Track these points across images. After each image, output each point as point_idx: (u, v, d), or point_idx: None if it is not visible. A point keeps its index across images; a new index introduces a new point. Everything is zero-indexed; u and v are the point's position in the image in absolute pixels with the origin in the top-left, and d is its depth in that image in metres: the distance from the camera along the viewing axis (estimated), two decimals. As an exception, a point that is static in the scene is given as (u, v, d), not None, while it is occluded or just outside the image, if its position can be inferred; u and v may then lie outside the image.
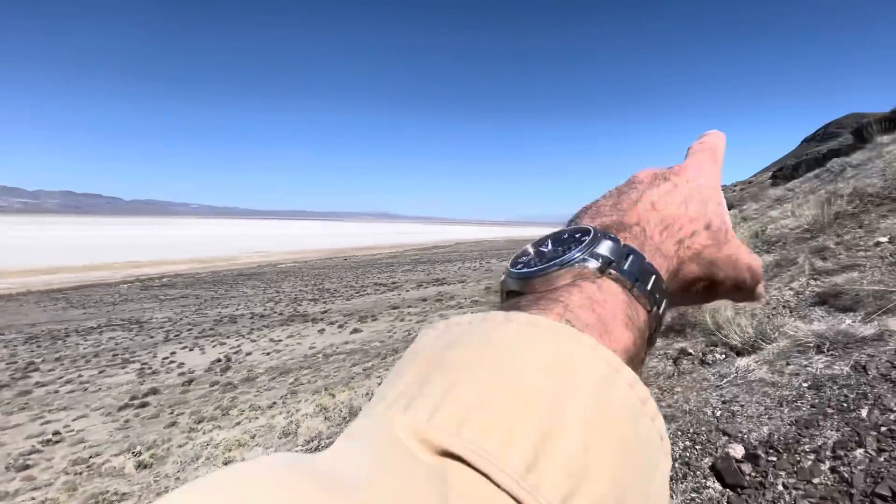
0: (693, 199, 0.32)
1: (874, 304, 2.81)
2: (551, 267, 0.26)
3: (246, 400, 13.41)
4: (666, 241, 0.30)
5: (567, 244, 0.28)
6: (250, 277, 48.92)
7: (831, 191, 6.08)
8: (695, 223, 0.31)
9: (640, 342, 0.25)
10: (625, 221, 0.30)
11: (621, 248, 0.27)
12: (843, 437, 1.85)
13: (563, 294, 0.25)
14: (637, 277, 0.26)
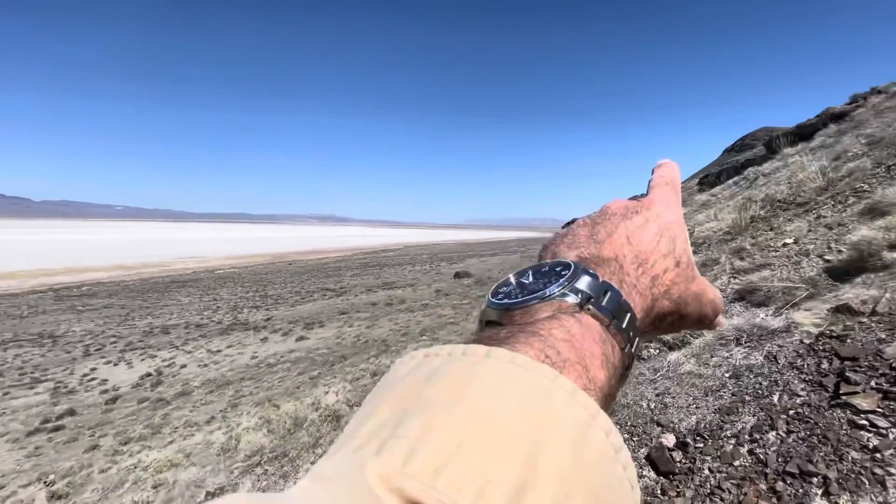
0: (664, 235, 0.33)
1: (783, 299, 3.12)
2: (533, 299, 0.27)
3: (180, 416, 12.47)
4: (641, 278, 0.31)
5: (548, 277, 0.29)
6: (185, 285, 45.72)
7: (747, 197, 6.71)
8: (666, 260, 0.33)
9: (613, 381, 0.26)
10: (602, 255, 0.31)
11: (600, 284, 0.28)
12: (758, 422, 2.02)
13: (543, 327, 0.25)
14: (614, 314, 0.27)
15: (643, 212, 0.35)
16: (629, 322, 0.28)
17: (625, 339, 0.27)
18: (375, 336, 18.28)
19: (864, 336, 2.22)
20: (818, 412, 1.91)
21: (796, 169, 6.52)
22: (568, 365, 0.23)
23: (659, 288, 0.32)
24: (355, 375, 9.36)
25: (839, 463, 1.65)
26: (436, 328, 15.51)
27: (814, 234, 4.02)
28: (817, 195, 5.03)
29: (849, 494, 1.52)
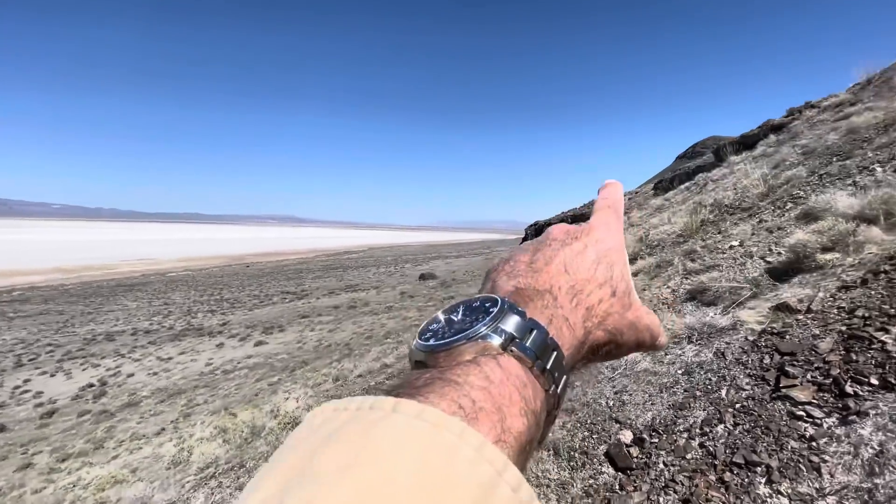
0: (602, 262, 0.34)
1: (730, 299, 3.30)
2: (456, 341, 0.27)
3: (126, 429, 11.71)
4: (575, 310, 0.31)
5: (476, 314, 0.29)
6: (132, 288, 43.10)
7: (698, 201, 7.07)
8: (603, 289, 0.33)
9: (534, 427, 0.25)
10: (537, 286, 0.32)
11: (525, 323, 0.28)
12: (708, 416, 2.12)
13: (461, 373, 0.25)
14: (538, 355, 0.27)
15: (583, 237, 0.35)
16: (554, 361, 0.28)
17: (548, 380, 0.27)
18: (338, 340, 17.92)
19: (801, 332, 2.38)
20: (761, 405, 2.03)
21: (741, 176, 6.95)
22: (482, 414, 0.23)
23: (593, 319, 0.32)
24: (317, 381, 9.11)
25: (780, 452, 1.75)
26: (400, 330, 15.39)
27: (757, 237, 4.28)
28: (759, 200, 5.38)
29: (789, 482, 1.62)
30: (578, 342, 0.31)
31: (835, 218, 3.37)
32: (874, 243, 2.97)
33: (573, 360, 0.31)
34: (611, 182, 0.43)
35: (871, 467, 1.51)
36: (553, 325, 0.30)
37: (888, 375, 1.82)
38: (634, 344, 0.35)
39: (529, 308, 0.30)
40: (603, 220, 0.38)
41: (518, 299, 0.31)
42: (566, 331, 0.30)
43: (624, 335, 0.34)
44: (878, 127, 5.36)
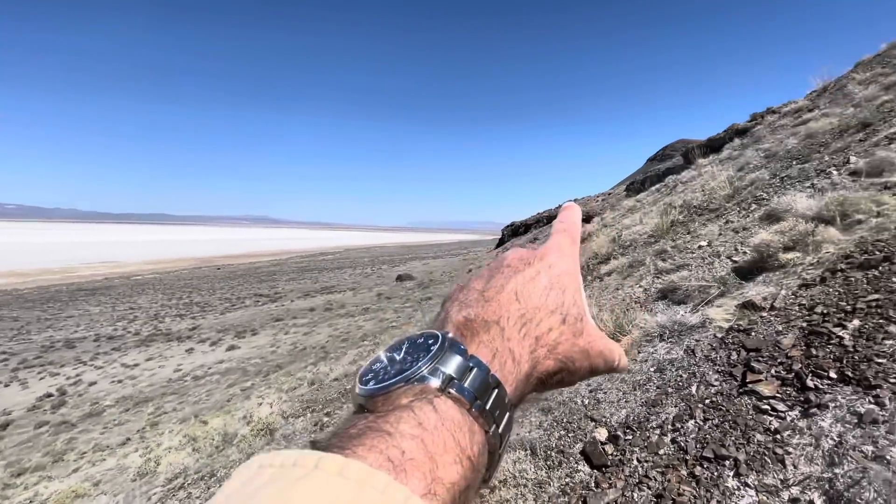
0: (554, 288, 0.34)
1: (699, 297, 3.40)
2: (394, 384, 0.27)
3: (88, 440, 11.21)
4: (522, 341, 0.31)
5: (418, 352, 0.29)
6: (94, 292, 41.27)
7: (668, 203, 7.29)
8: (553, 317, 0.33)
9: (470, 473, 0.25)
10: (486, 317, 0.31)
11: (466, 361, 0.28)
12: (679, 412, 2.18)
13: (394, 420, 0.25)
14: (477, 395, 0.27)
15: (535, 263, 0.35)
16: (495, 400, 0.28)
17: (488, 420, 0.27)
18: (313, 343, 17.62)
19: (766, 329, 2.48)
20: (729, 400, 2.10)
21: (708, 178, 7.19)
22: (412, 466, 0.22)
23: (542, 349, 0.32)
24: (292, 385, 8.93)
25: (747, 445, 1.81)
26: (377, 332, 15.25)
27: (724, 237, 4.44)
28: (726, 202, 5.58)
29: (755, 474, 1.68)
30: (524, 375, 0.31)
31: (795, 219, 3.53)
32: (831, 243, 3.12)
33: (519, 395, 0.31)
34: (568, 205, 0.44)
35: (832, 458, 1.58)
36: (497, 359, 0.30)
37: (845, 369, 1.91)
38: (588, 370, 0.35)
39: (474, 342, 0.30)
40: (557, 244, 0.38)
41: (465, 332, 0.31)
42: (510, 365, 0.30)
43: (575, 362, 0.34)
44: (833, 132, 5.65)
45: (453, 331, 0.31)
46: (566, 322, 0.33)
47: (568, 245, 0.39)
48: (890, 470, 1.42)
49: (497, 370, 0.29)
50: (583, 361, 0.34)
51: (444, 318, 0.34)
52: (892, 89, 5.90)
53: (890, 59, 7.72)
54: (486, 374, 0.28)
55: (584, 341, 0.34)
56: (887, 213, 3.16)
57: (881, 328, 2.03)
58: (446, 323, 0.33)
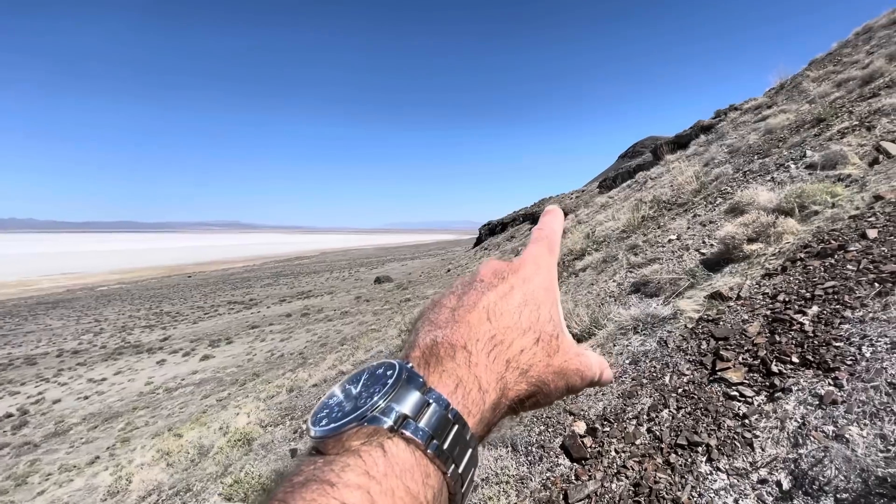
0: (528, 305, 0.33)
1: (670, 289, 3.50)
2: (344, 426, 0.25)
3: (54, 460, 10.70)
4: (492, 366, 0.30)
5: (374, 385, 0.27)
6: (56, 305, 39.39)
7: (639, 198, 7.48)
8: (525, 337, 0.31)
9: None
10: (453, 340, 0.30)
11: (423, 397, 0.27)
12: (654, 402, 2.23)
13: (340, 468, 0.23)
14: (433, 434, 0.26)
15: (510, 277, 0.34)
16: (454, 438, 0.26)
17: (446, 461, 0.26)
18: (291, 349, 17.29)
19: (733, 318, 2.57)
20: (700, 388, 2.17)
21: (676, 174, 7.42)
22: None
23: (512, 373, 0.31)
24: (270, 393, 8.74)
25: (718, 431, 1.88)
26: (357, 336, 15.08)
27: (692, 231, 4.59)
28: (693, 196, 5.77)
29: (726, 458, 1.74)
30: (491, 404, 0.29)
31: (757, 211, 3.67)
32: (791, 233, 3.26)
33: (486, 426, 0.30)
34: (550, 209, 0.42)
35: (796, 439, 1.65)
36: (460, 389, 0.28)
37: (807, 354, 2.00)
38: (564, 390, 0.34)
39: (437, 371, 0.29)
40: (533, 255, 0.37)
41: (430, 359, 0.29)
42: (475, 394, 0.29)
43: (549, 384, 0.32)
44: (790, 127, 5.91)
45: (417, 356, 0.30)
46: (540, 341, 0.32)
47: (545, 256, 0.37)
48: (849, 448, 1.49)
49: (459, 402, 0.28)
50: (558, 382, 0.33)
51: (413, 339, 0.32)
52: (844, 86, 6.23)
53: (840, 57, 8.14)
54: (446, 409, 0.27)
55: (559, 360, 0.33)
56: (841, 203, 3.32)
57: (838, 313, 2.14)
58: (413, 346, 0.31)
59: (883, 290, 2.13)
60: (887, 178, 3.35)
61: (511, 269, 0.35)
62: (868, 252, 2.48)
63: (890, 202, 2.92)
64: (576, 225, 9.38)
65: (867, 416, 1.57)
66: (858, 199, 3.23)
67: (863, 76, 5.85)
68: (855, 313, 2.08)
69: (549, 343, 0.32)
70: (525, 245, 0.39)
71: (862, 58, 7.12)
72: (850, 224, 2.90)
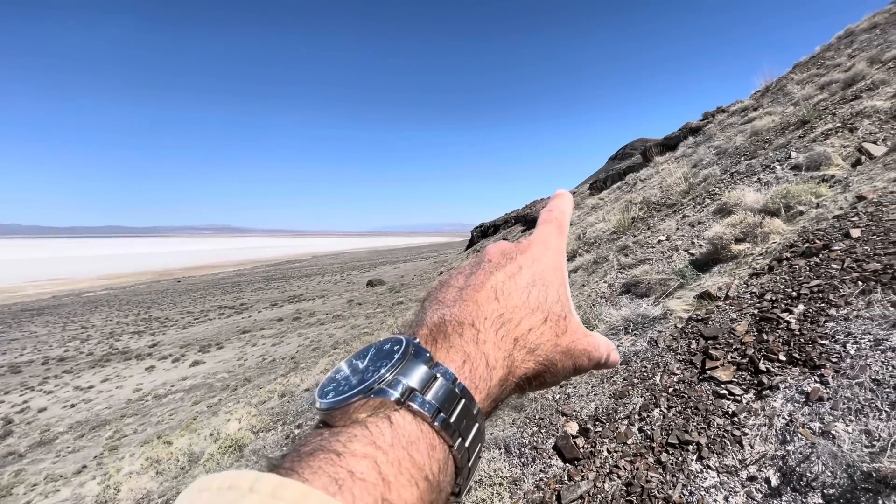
0: (536, 285, 0.33)
1: (660, 290, 3.54)
2: (351, 398, 0.25)
3: (40, 470, 10.49)
4: (500, 343, 0.30)
5: (381, 360, 0.27)
6: (41, 312, 38.70)
7: (629, 200, 7.54)
8: (534, 316, 0.31)
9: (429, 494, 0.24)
10: (461, 318, 0.30)
11: (430, 371, 0.27)
12: (645, 402, 2.25)
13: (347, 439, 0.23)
14: (440, 407, 0.25)
15: (518, 258, 0.34)
16: (461, 412, 0.26)
17: (452, 434, 0.26)
18: (283, 353, 17.15)
19: (721, 317, 2.60)
20: (690, 387, 2.19)
21: (665, 175, 7.50)
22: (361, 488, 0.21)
23: (520, 351, 0.31)
24: (261, 398, 8.65)
25: (708, 429, 1.90)
26: (349, 340, 15.00)
27: (681, 232, 4.64)
28: (682, 198, 5.84)
29: (716, 456, 1.76)
30: (498, 380, 0.29)
31: (745, 212, 3.73)
32: (777, 233, 3.31)
33: (492, 401, 0.30)
34: (560, 193, 0.42)
35: (784, 436, 1.68)
36: (467, 365, 0.28)
37: (793, 351, 2.03)
38: (571, 370, 0.33)
39: (444, 347, 0.29)
40: (543, 235, 0.37)
41: (437, 335, 0.29)
42: (483, 370, 0.28)
43: (557, 364, 0.32)
44: (776, 129, 6.02)
45: (425, 334, 0.30)
46: (548, 321, 0.32)
47: (554, 236, 0.37)
48: (835, 444, 1.52)
49: (466, 377, 0.28)
50: (565, 361, 0.33)
51: (420, 318, 0.32)
52: (827, 88, 6.35)
53: (824, 60, 8.30)
54: (453, 383, 0.27)
55: (566, 340, 0.33)
56: (825, 204, 3.39)
57: (823, 311, 2.18)
58: (421, 324, 0.31)
59: (866, 289, 2.17)
60: (869, 178, 3.42)
61: (519, 250, 0.35)
62: (852, 251, 2.52)
63: (872, 202, 2.98)
64: (567, 226, 9.42)
65: (852, 413, 1.60)
66: (842, 200, 3.29)
67: (845, 79, 5.98)
68: (839, 311, 2.11)
69: (558, 323, 0.32)
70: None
71: (844, 61, 7.27)
72: (834, 224, 2.95)
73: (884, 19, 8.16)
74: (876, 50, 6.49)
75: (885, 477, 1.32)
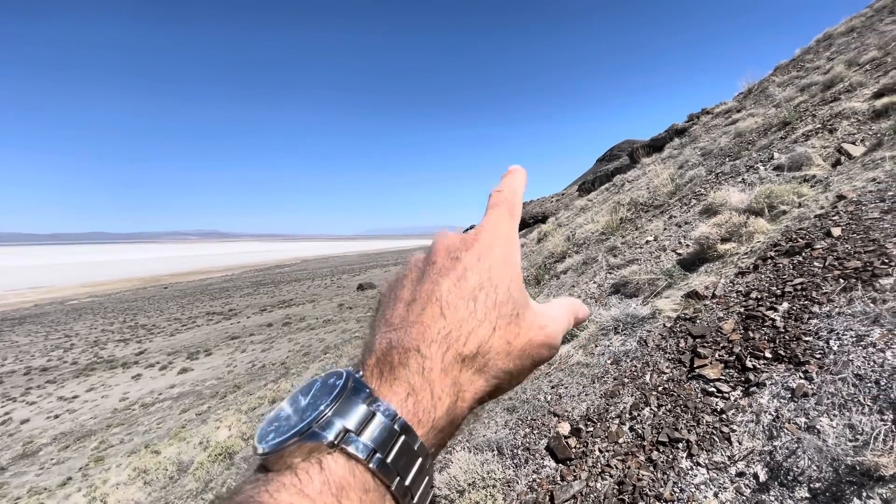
0: (483, 287, 0.30)
1: (648, 289, 3.58)
2: (286, 442, 0.24)
3: (23, 483, 10.24)
4: (447, 367, 0.28)
5: (322, 396, 0.27)
6: (23, 321, 37.81)
7: (617, 201, 7.62)
8: (482, 327, 0.29)
9: None
10: (407, 344, 0.28)
11: (368, 409, 0.26)
12: (636, 401, 2.28)
13: (273, 490, 0.23)
14: (377, 448, 0.25)
15: (464, 257, 0.32)
16: (400, 449, 0.25)
17: (389, 475, 0.25)
18: (273, 359, 16.97)
19: (709, 316, 2.64)
20: (679, 385, 2.22)
21: (652, 176, 7.60)
22: None
23: (468, 371, 0.29)
24: (251, 405, 8.55)
25: (697, 427, 1.92)
26: (340, 344, 14.90)
27: (668, 232, 4.70)
28: (669, 198, 5.92)
29: (706, 453, 1.78)
30: (446, 410, 0.28)
31: (730, 212, 3.79)
32: (761, 233, 3.38)
33: (440, 432, 0.28)
34: (513, 168, 0.39)
35: (771, 431, 1.71)
36: (411, 398, 0.27)
37: (778, 348, 2.07)
38: (530, 367, 0.32)
39: (388, 380, 0.28)
40: (491, 223, 0.34)
41: (383, 365, 0.28)
42: (427, 403, 0.27)
43: (512, 371, 0.31)
44: (759, 130, 6.14)
45: (372, 364, 0.29)
46: (497, 329, 0.30)
47: (504, 221, 0.35)
48: (820, 438, 1.55)
49: (410, 411, 0.26)
50: (523, 363, 0.31)
51: (370, 343, 0.31)
52: (807, 90, 6.50)
53: (804, 62, 8.50)
54: (392, 419, 0.26)
55: (521, 341, 0.31)
56: (807, 203, 3.46)
57: (806, 309, 2.22)
58: (370, 351, 0.30)
59: (847, 286, 2.22)
60: (849, 178, 3.50)
61: (465, 246, 0.32)
62: (833, 249, 2.58)
63: (852, 201, 3.05)
64: (556, 228, 9.50)
65: (836, 408, 1.64)
66: (823, 199, 3.37)
67: (824, 81, 6.12)
68: (822, 308, 2.16)
69: (509, 327, 0.30)
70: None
71: (823, 63, 7.45)
72: (816, 223, 3.02)
73: (860, 23, 8.39)
74: (853, 53, 6.67)
75: (868, 469, 1.35)
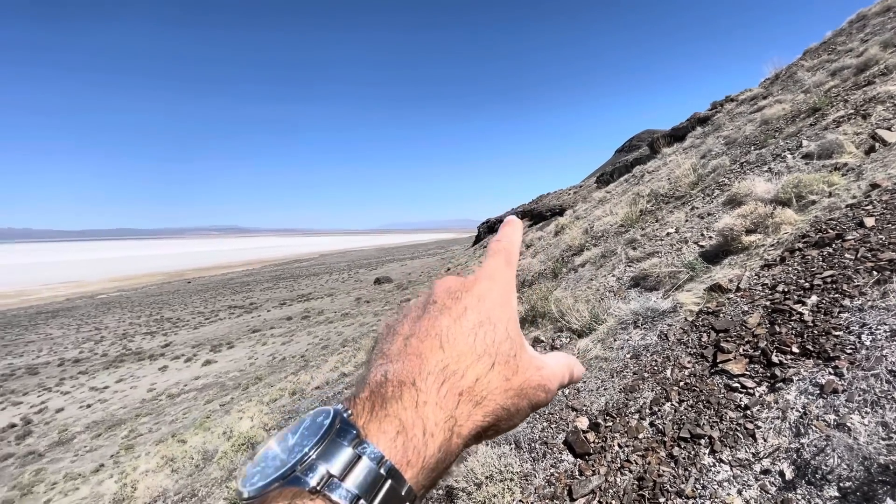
0: (483, 325, 0.31)
1: (669, 283, 3.50)
2: (270, 486, 0.24)
3: (59, 469, 10.71)
4: (443, 401, 0.28)
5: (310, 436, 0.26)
6: (56, 315, 39.39)
7: (636, 192, 7.47)
8: (481, 362, 0.30)
9: None
10: (402, 377, 0.28)
11: (354, 452, 0.25)
12: (656, 396, 2.24)
13: None
14: (361, 494, 0.24)
15: (464, 297, 0.33)
16: (386, 495, 0.25)
17: None
18: (293, 352, 17.30)
19: (732, 310, 2.57)
20: (702, 380, 2.17)
21: (673, 167, 7.41)
22: None
23: (466, 406, 0.29)
24: (273, 396, 8.74)
25: (720, 423, 1.88)
26: (358, 337, 15.09)
27: (690, 224, 4.59)
28: (690, 189, 5.77)
29: (729, 450, 1.74)
30: (438, 447, 0.28)
31: (755, 202, 3.67)
32: (789, 224, 3.26)
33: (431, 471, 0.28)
34: (509, 220, 0.41)
35: (798, 428, 1.66)
36: (401, 437, 0.27)
37: (806, 343, 2.01)
38: (528, 409, 0.32)
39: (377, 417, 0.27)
40: (490, 269, 0.36)
41: (375, 400, 0.28)
42: (418, 441, 0.27)
43: (510, 409, 0.31)
44: (786, 117, 5.91)
45: (364, 398, 0.28)
46: (496, 365, 0.31)
47: (502, 269, 0.36)
48: (851, 436, 1.50)
49: (399, 450, 0.26)
50: (520, 402, 0.31)
51: (364, 375, 0.31)
52: (838, 75, 6.22)
53: (835, 46, 8.14)
54: (378, 463, 0.25)
55: (518, 381, 0.31)
56: (838, 192, 3.33)
57: (837, 302, 2.14)
58: (363, 384, 0.30)
59: (881, 279, 2.13)
60: (883, 166, 3.35)
61: (465, 288, 0.34)
62: (866, 240, 2.48)
63: (887, 190, 2.92)
64: (574, 220, 9.38)
65: (868, 405, 1.58)
66: (855, 188, 3.23)
67: (857, 64, 5.85)
68: (854, 302, 2.08)
69: (507, 364, 0.31)
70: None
71: (856, 46, 7.12)
72: (848, 213, 2.90)
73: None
74: (889, 34, 6.35)
75: (902, 469, 1.30)
